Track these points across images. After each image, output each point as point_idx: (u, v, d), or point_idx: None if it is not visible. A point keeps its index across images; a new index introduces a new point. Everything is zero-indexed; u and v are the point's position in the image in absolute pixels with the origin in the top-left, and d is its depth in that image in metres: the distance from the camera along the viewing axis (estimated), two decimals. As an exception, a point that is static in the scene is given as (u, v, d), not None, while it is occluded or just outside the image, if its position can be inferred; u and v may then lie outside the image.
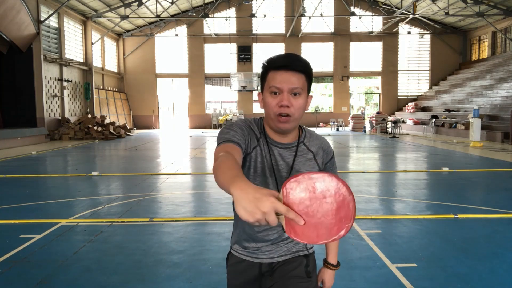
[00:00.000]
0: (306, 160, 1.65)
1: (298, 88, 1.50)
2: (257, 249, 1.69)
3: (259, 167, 1.60)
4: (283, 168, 1.62)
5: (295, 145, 1.65)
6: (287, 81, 1.49)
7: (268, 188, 1.34)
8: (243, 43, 29.84)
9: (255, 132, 1.62)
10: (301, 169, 1.63)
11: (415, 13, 24.17)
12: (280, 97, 1.50)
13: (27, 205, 6.27)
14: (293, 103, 1.51)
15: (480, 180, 8.51)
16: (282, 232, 1.67)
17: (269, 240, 1.68)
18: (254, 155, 1.60)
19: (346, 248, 4.23)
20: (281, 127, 1.55)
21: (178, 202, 6.44)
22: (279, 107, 1.51)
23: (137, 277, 3.59)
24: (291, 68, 1.49)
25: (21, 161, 11.91)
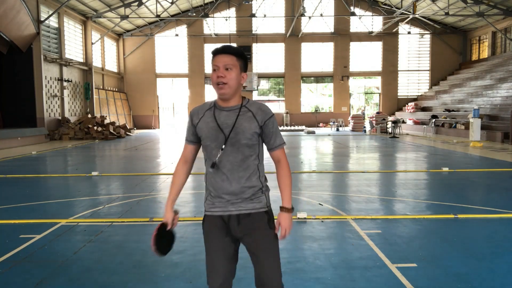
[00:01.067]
0: (247, 118, 2.13)
1: (229, 64, 2.10)
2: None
3: (209, 127, 2.15)
4: (230, 125, 2.12)
5: (238, 108, 2.16)
6: (221, 60, 2.10)
7: (217, 141, 2.12)
8: (243, 43, 29.83)
9: (202, 110, 2.22)
10: (243, 124, 2.12)
11: (415, 13, 24.18)
12: (217, 72, 2.11)
13: (27, 205, 6.27)
14: (226, 74, 2.10)
15: (480, 180, 8.51)
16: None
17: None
18: (201, 124, 2.18)
19: (346, 248, 4.23)
20: (220, 93, 2.13)
21: (178, 202, 6.44)
22: (216, 77, 2.10)
23: (137, 277, 3.59)
24: (224, 52, 2.11)
25: (21, 161, 11.91)
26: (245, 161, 2.14)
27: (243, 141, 2.11)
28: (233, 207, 2.15)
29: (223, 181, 2.14)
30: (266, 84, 31.45)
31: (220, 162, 2.14)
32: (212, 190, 2.19)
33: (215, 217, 2.18)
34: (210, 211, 2.20)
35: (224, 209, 2.16)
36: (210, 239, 2.20)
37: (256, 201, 2.18)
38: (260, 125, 2.13)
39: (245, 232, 2.18)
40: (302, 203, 6.29)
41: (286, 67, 30.39)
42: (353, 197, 6.65)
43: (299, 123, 30.03)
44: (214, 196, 2.18)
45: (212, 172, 2.17)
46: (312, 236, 4.64)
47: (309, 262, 3.88)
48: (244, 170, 2.15)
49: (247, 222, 2.16)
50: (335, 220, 5.28)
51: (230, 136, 2.10)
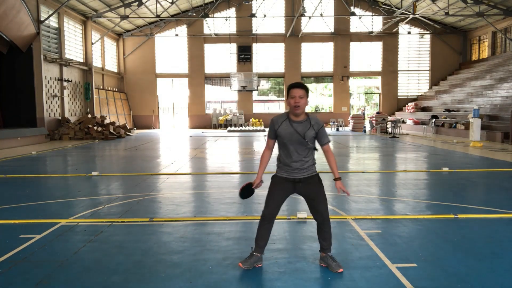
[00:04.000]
0: (309, 128, 3.58)
1: (301, 94, 3.53)
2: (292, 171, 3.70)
3: (286, 133, 3.59)
4: (298, 132, 3.57)
5: (305, 121, 3.61)
6: (296, 92, 3.53)
7: (287, 141, 3.61)
8: (243, 43, 29.85)
9: (278, 121, 3.64)
10: (306, 132, 3.57)
11: (415, 13, 24.19)
12: (294, 99, 3.52)
13: (27, 205, 6.27)
14: (299, 101, 3.52)
15: (480, 180, 8.51)
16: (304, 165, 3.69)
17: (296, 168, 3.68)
18: (280, 130, 3.61)
19: (346, 248, 4.23)
20: (295, 112, 3.56)
21: (178, 202, 6.44)
22: (294, 103, 3.52)
23: (137, 277, 3.59)
24: (297, 86, 3.56)
25: (21, 161, 11.91)
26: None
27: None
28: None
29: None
30: (266, 84, 31.45)
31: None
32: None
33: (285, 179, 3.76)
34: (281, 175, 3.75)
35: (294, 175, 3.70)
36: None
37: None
38: (315, 131, 3.63)
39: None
40: (302, 203, 6.29)
41: (286, 67, 30.40)
42: (353, 197, 6.65)
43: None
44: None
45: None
46: (312, 236, 4.64)
47: (309, 262, 3.88)
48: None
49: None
50: (335, 220, 5.28)
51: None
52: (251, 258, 3.73)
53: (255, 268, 3.74)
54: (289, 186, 3.70)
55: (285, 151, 3.64)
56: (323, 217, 3.74)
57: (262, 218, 3.74)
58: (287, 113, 3.65)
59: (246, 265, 3.70)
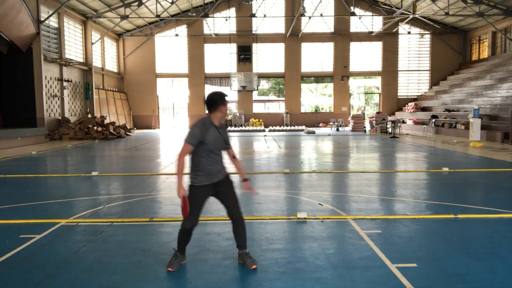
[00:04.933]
0: (226, 131, 3.82)
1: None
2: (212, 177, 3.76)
3: (213, 139, 3.63)
4: (222, 136, 3.74)
5: (223, 126, 3.80)
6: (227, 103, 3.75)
7: (213, 146, 3.66)
8: (243, 43, 29.84)
9: (205, 126, 3.61)
10: (226, 136, 3.83)
11: (415, 13, 24.17)
12: (227, 108, 3.78)
13: (27, 205, 6.27)
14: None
15: (480, 180, 8.50)
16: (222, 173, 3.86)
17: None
18: (209, 136, 3.59)
19: (346, 248, 4.23)
20: (223, 118, 3.77)
21: (178, 202, 6.42)
22: (227, 110, 3.75)
23: (137, 277, 3.59)
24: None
25: (21, 161, 11.91)
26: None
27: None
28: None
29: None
30: (266, 84, 31.44)
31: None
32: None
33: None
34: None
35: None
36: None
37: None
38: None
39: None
40: (302, 203, 6.30)
41: (286, 67, 30.39)
42: (353, 197, 6.65)
43: (299, 123, 30.04)
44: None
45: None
46: (312, 236, 4.65)
47: (309, 262, 3.88)
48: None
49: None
50: (335, 220, 5.28)
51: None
52: (177, 258, 3.78)
53: (255, 268, 3.74)
54: (209, 192, 3.77)
55: (210, 159, 3.65)
56: (237, 215, 3.82)
57: (186, 229, 3.73)
58: (210, 120, 3.66)
59: (175, 266, 3.73)
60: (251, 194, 7.00)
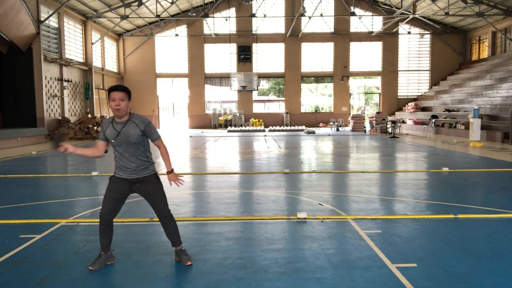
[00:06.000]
0: (132, 127, 3.67)
1: (122, 97, 3.62)
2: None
3: (111, 134, 3.68)
4: (122, 133, 3.65)
5: (125, 122, 3.69)
6: (116, 95, 3.61)
7: (118, 146, 3.72)
8: (243, 43, 29.84)
9: (106, 123, 3.74)
10: (129, 132, 3.65)
11: (415, 13, 24.17)
12: (115, 102, 3.61)
13: (27, 205, 6.27)
14: (121, 104, 3.62)
15: (480, 180, 8.50)
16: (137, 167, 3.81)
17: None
18: (107, 132, 3.69)
19: (346, 248, 4.23)
20: (116, 114, 3.66)
21: (178, 202, 6.44)
22: (115, 105, 3.61)
23: (137, 277, 3.59)
24: (116, 89, 3.63)
25: (21, 161, 11.91)
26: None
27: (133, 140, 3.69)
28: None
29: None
30: (266, 84, 31.45)
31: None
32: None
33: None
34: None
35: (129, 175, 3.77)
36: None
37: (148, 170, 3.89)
38: (141, 130, 3.69)
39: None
40: (302, 203, 6.30)
41: (286, 67, 30.40)
42: (353, 197, 6.65)
43: (299, 123, 30.04)
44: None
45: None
46: (312, 236, 4.65)
47: (309, 262, 3.88)
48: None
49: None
50: (335, 220, 5.28)
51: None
52: (100, 258, 3.79)
53: (255, 268, 3.74)
54: (125, 186, 3.76)
55: (116, 153, 3.73)
56: (164, 213, 3.86)
57: (100, 220, 3.78)
58: (112, 117, 3.75)
59: (97, 265, 3.74)
60: (252, 194, 7.00)
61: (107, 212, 3.74)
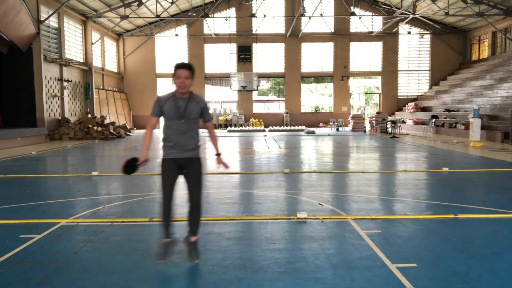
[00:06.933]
0: (194, 104, 3.77)
1: (187, 75, 3.68)
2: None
3: (171, 109, 3.74)
4: (183, 108, 3.74)
5: (188, 98, 3.78)
6: (182, 73, 3.67)
7: (173, 118, 3.78)
8: (243, 43, 29.84)
9: (164, 99, 3.79)
10: (191, 108, 3.76)
11: (415, 13, 24.17)
12: (181, 79, 3.67)
13: (27, 205, 6.27)
14: (185, 81, 3.68)
15: (480, 180, 8.51)
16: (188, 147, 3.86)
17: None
18: (165, 107, 3.76)
19: (346, 248, 4.23)
20: (180, 91, 3.72)
21: (178, 202, 6.40)
22: (180, 83, 3.67)
23: (137, 277, 3.59)
24: (183, 67, 3.69)
25: (21, 161, 11.91)
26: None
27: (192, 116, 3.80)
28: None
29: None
30: (266, 84, 31.44)
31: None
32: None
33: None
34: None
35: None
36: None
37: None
38: (200, 107, 3.81)
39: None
40: (302, 203, 6.30)
41: (286, 67, 30.39)
42: (353, 197, 6.65)
43: (299, 123, 30.04)
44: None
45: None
46: (312, 236, 4.64)
47: (309, 262, 3.88)
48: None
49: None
50: (335, 220, 5.28)
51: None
52: (167, 247, 3.86)
53: (255, 268, 3.74)
54: (176, 168, 3.84)
55: (170, 130, 3.77)
56: (197, 199, 3.90)
57: (164, 206, 3.86)
58: (173, 92, 3.79)
59: (167, 257, 3.82)
60: (252, 194, 7.00)
61: (169, 198, 3.83)
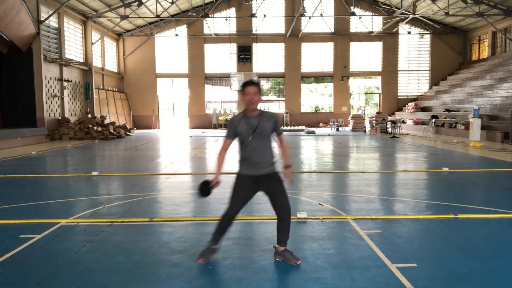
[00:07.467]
0: (266, 120, 3.75)
1: (256, 91, 3.72)
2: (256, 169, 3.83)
3: (246, 129, 3.73)
4: (256, 126, 3.72)
5: (259, 115, 3.78)
6: (251, 89, 3.71)
7: (247, 137, 3.74)
8: (243, 43, 29.84)
9: (237, 120, 3.80)
10: (264, 125, 3.73)
11: (415, 13, 24.17)
12: (249, 96, 3.71)
13: (27, 205, 6.27)
14: (254, 97, 3.71)
15: (480, 180, 8.51)
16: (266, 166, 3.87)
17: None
18: (239, 127, 3.75)
19: (346, 248, 4.23)
20: (250, 108, 3.75)
21: (178, 202, 6.44)
22: (249, 99, 3.71)
23: (137, 277, 3.59)
24: (251, 84, 3.73)
25: (21, 161, 11.91)
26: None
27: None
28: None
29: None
30: (266, 84, 31.43)
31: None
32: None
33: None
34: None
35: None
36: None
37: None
38: (272, 124, 3.81)
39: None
40: (302, 203, 6.30)
41: (286, 67, 30.39)
42: (353, 197, 6.65)
43: (299, 123, 30.04)
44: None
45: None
46: (312, 236, 4.65)
47: (309, 262, 3.88)
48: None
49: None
50: (335, 220, 5.28)
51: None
52: (210, 251, 3.88)
53: (255, 268, 3.74)
54: (253, 185, 3.83)
55: (247, 148, 3.76)
56: (286, 211, 3.83)
57: (225, 217, 3.84)
58: (242, 112, 3.83)
59: (206, 259, 3.83)
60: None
61: (236, 212, 3.82)
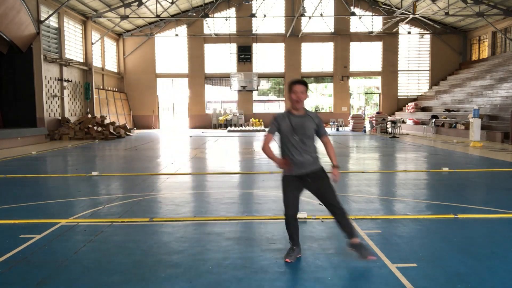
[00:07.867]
0: (309, 120, 3.82)
1: (303, 90, 3.79)
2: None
3: (290, 127, 3.78)
4: (300, 125, 3.79)
5: (303, 115, 3.84)
6: (298, 88, 3.78)
7: (290, 135, 3.80)
8: (243, 43, 29.84)
9: (281, 117, 3.84)
10: (307, 125, 3.79)
11: (415, 13, 24.17)
12: (297, 94, 3.77)
13: (27, 205, 6.27)
14: (301, 96, 3.78)
15: (480, 180, 8.51)
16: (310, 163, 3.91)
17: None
18: (283, 125, 3.79)
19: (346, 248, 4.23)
20: (296, 106, 3.81)
21: (178, 202, 6.44)
22: (296, 98, 3.77)
23: (137, 277, 3.59)
24: (299, 83, 3.81)
25: (21, 161, 11.91)
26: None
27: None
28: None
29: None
30: (266, 84, 31.44)
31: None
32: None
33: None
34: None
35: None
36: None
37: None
38: (315, 124, 3.86)
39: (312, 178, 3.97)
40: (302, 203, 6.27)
41: (286, 67, 30.39)
42: (353, 197, 6.65)
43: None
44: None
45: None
46: (312, 236, 4.65)
47: (309, 262, 3.88)
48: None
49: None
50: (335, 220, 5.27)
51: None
52: (294, 251, 3.92)
53: (255, 268, 3.74)
54: (299, 184, 3.91)
55: (289, 147, 3.80)
56: (336, 207, 3.89)
57: (289, 220, 3.93)
58: (287, 110, 3.89)
59: (292, 258, 3.87)
60: (252, 194, 7.01)
61: (294, 212, 3.91)
